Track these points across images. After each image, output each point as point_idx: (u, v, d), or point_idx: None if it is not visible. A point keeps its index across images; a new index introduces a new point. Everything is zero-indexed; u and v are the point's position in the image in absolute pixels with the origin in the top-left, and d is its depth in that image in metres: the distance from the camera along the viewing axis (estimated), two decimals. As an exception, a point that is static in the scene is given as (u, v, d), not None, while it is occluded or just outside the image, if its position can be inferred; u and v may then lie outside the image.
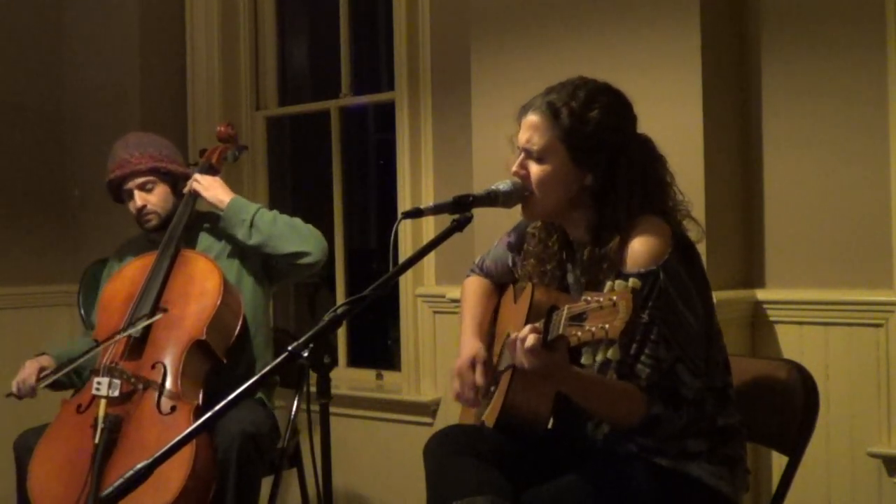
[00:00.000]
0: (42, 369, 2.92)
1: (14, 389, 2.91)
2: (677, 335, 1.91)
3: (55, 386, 2.98)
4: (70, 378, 3.00)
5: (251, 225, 2.93)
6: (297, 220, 3.00)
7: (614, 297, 1.65)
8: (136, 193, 3.02)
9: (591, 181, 2.02)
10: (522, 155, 2.06)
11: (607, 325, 1.64)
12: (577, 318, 1.70)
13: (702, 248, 2.58)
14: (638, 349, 1.89)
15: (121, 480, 1.60)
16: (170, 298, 2.85)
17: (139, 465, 1.60)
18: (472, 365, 2.27)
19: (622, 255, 1.95)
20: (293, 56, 4.71)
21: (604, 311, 1.66)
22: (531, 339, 1.78)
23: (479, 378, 2.25)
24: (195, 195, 3.03)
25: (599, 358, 1.68)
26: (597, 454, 2.07)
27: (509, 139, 2.13)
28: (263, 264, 3.04)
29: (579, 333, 1.68)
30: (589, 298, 1.69)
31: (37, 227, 4.52)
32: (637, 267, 1.92)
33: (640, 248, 1.94)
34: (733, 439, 2.05)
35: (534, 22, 3.14)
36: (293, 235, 2.94)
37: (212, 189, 3.01)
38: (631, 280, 1.66)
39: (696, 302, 1.97)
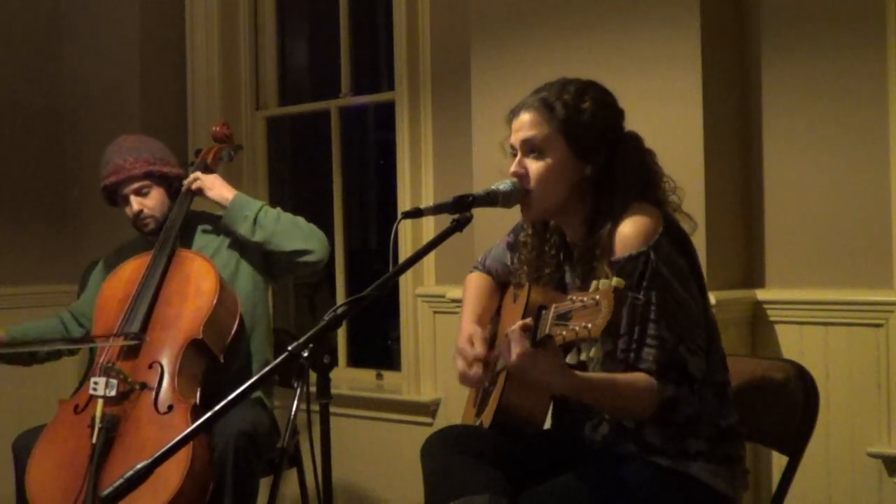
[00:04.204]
0: None
1: None
2: (676, 315, 1.91)
3: (3, 359, 3.02)
4: (22, 357, 3.04)
5: (255, 221, 2.94)
6: (300, 219, 3.01)
7: (597, 297, 1.65)
8: (133, 199, 3.02)
9: (590, 171, 2.04)
10: (519, 154, 2.07)
11: (589, 325, 1.64)
12: (563, 318, 1.70)
13: (702, 247, 2.60)
14: (641, 332, 1.89)
15: (120, 480, 1.60)
16: (165, 298, 2.85)
17: (139, 465, 1.60)
18: (471, 341, 2.27)
19: (612, 243, 1.96)
20: (293, 56, 4.71)
21: (587, 310, 1.66)
22: (518, 339, 1.78)
23: (478, 349, 2.24)
24: (197, 193, 3.04)
25: (583, 357, 1.69)
26: (595, 454, 2.07)
27: (500, 144, 2.14)
28: (264, 261, 3.04)
29: (564, 333, 1.69)
30: (574, 298, 1.70)
31: (37, 227, 4.52)
32: (627, 250, 1.92)
33: (628, 231, 1.95)
34: (732, 438, 2.05)
35: (534, 22, 3.14)
36: (296, 233, 2.95)
37: (215, 188, 3.03)
38: (615, 280, 1.66)
39: (691, 283, 1.97)
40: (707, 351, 1.99)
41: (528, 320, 1.79)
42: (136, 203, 3.02)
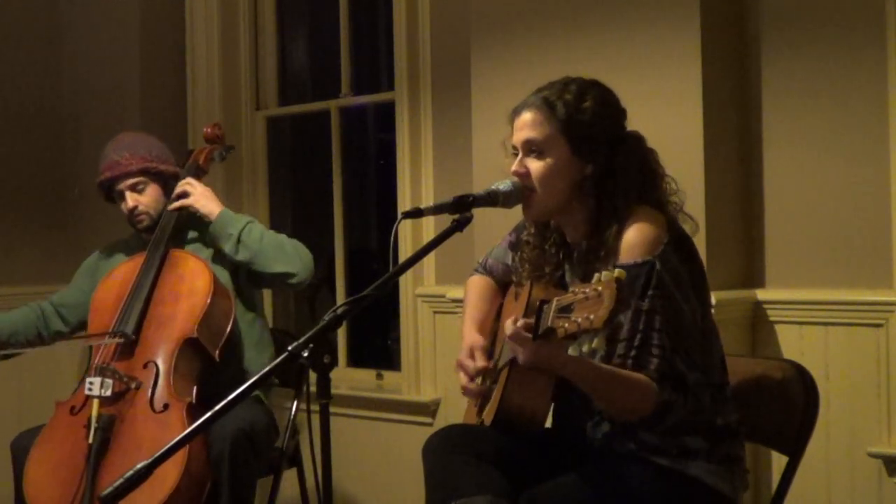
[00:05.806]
0: None
1: None
2: (673, 325, 1.92)
3: None
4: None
5: (238, 240, 2.92)
6: (284, 238, 2.98)
7: (599, 288, 1.65)
8: (128, 194, 3.03)
9: (591, 171, 2.04)
10: (521, 153, 2.07)
11: (592, 316, 1.64)
12: (565, 310, 1.70)
13: (702, 247, 2.59)
14: (643, 339, 1.90)
15: (120, 480, 1.60)
16: (159, 298, 2.85)
17: (139, 465, 1.60)
18: (471, 354, 2.27)
19: (617, 246, 1.96)
20: (293, 56, 4.70)
21: (589, 301, 1.66)
22: (521, 331, 1.80)
23: (479, 362, 2.25)
24: (182, 198, 3.02)
25: (585, 349, 1.68)
26: (596, 453, 2.07)
27: (502, 143, 2.14)
28: (248, 272, 3.03)
29: (566, 325, 1.68)
30: (576, 290, 1.70)
31: (37, 227, 4.51)
32: (633, 258, 1.93)
33: (635, 239, 1.95)
34: (732, 438, 2.05)
35: (534, 22, 3.14)
36: (279, 255, 2.93)
37: (202, 200, 3.00)
38: (616, 270, 1.66)
39: (690, 294, 1.98)
40: (704, 356, 2.00)
41: (531, 316, 1.79)
42: (130, 199, 3.02)
